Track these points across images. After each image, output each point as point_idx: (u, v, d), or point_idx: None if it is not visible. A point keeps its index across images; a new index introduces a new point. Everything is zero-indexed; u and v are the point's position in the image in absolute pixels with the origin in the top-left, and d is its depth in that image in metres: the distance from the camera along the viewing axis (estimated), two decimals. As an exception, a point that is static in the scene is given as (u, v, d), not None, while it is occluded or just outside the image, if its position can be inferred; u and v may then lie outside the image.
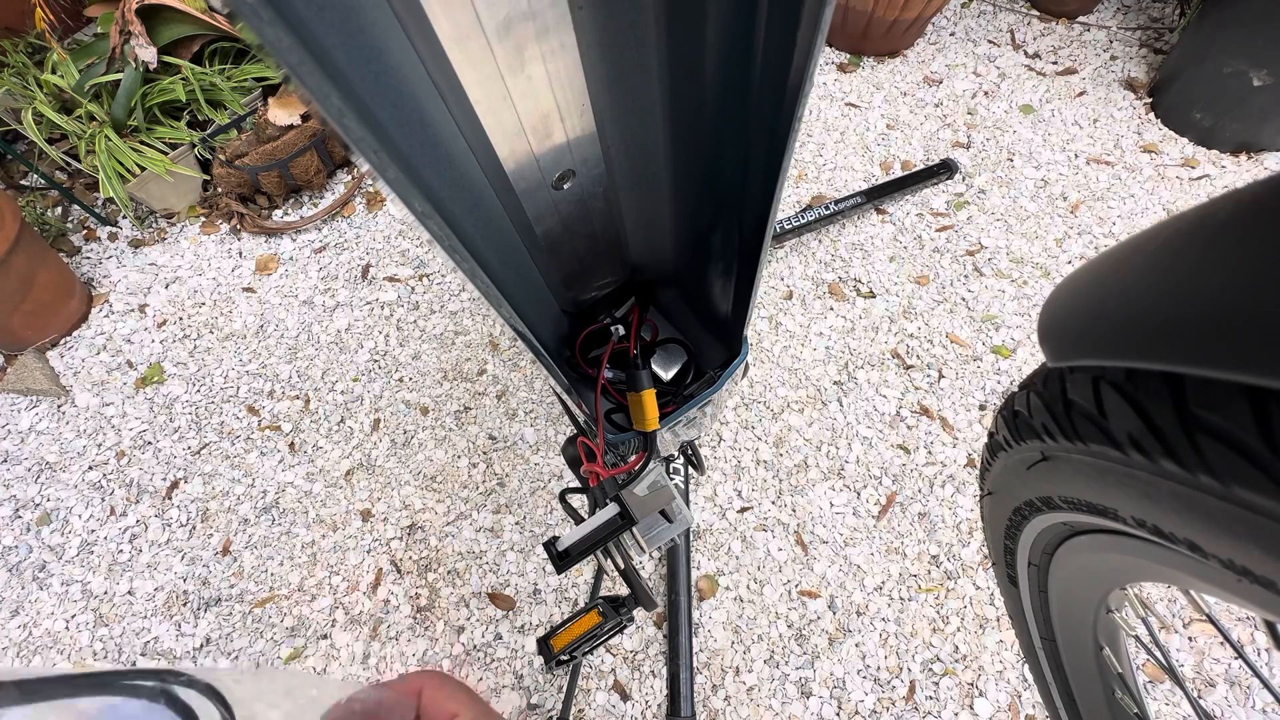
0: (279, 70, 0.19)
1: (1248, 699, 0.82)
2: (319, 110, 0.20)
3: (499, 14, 0.28)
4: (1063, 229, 1.29)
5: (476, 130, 0.34)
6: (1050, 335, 0.24)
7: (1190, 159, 1.37)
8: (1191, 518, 0.20)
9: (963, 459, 1.03)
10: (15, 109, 1.31)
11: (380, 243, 1.36)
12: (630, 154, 0.44)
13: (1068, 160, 1.39)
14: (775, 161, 0.33)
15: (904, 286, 1.22)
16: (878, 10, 1.45)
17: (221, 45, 1.37)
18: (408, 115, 0.29)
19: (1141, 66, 1.55)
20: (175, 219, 1.41)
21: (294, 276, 1.31)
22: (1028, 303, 1.19)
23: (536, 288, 0.55)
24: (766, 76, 0.31)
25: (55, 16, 1.40)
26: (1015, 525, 0.38)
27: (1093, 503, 0.27)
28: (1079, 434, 0.24)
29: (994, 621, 0.89)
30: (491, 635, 0.92)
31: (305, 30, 0.22)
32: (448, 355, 1.19)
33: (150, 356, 1.22)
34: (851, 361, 1.14)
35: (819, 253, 1.28)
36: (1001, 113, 1.49)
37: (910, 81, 1.57)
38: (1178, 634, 0.87)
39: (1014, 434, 0.31)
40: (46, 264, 1.18)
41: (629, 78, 0.36)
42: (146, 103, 1.27)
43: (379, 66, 0.26)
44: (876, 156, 1.43)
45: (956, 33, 1.67)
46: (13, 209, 1.11)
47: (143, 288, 1.32)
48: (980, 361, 1.12)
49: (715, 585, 0.94)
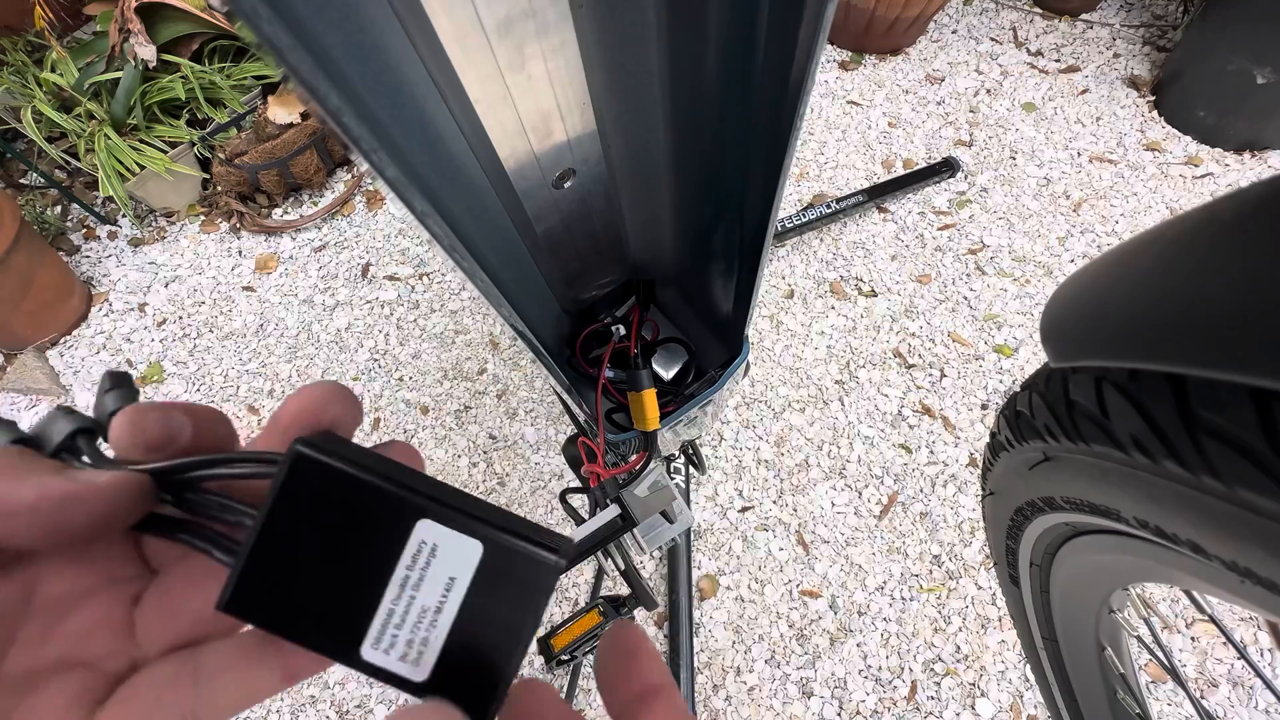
0: (278, 68, 0.18)
1: (1250, 699, 0.82)
2: (317, 109, 0.20)
3: (499, 12, 0.28)
4: (1065, 228, 1.28)
5: (476, 129, 0.34)
6: (1053, 335, 0.24)
7: (1194, 157, 1.36)
8: (1194, 519, 0.20)
9: (965, 459, 1.03)
10: (15, 107, 1.31)
11: (380, 241, 1.36)
12: (631, 153, 0.44)
13: (1070, 158, 1.39)
14: (777, 160, 0.33)
15: (906, 285, 1.22)
16: (879, 8, 1.44)
17: (221, 43, 1.37)
18: (407, 114, 0.29)
19: (1145, 64, 1.54)
20: (175, 218, 1.41)
21: (294, 275, 1.31)
22: (1030, 302, 1.18)
23: (537, 287, 0.54)
24: (768, 75, 0.31)
25: (54, 15, 1.40)
26: (1017, 525, 0.38)
27: (1095, 503, 0.27)
28: (1081, 434, 0.24)
29: (996, 621, 0.89)
30: (492, 634, 0.92)
31: (303, 28, 0.22)
32: (448, 354, 1.19)
33: (150, 355, 1.22)
34: (853, 360, 1.14)
35: (820, 251, 1.27)
36: (1004, 111, 1.48)
37: (912, 79, 1.56)
38: (1180, 634, 0.87)
39: (1016, 434, 0.30)
40: (46, 263, 1.18)
41: (630, 76, 0.36)
42: (146, 101, 1.27)
43: (378, 65, 0.26)
44: (878, 155, 1.43)
45: (959, 30, 1.66)
46: (12, 208, 1.11)
47: (142, 286, 1.32)
48: (982, 360, 1.12)
49: (716, 585, 0.94)
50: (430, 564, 0.16)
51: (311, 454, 0.15)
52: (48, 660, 0.15)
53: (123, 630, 0.16)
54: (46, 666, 0.15)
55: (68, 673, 0.15)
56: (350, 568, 0.16)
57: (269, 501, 0.15)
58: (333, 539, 0.16)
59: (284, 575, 0.15)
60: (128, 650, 0.16)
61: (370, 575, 0.16)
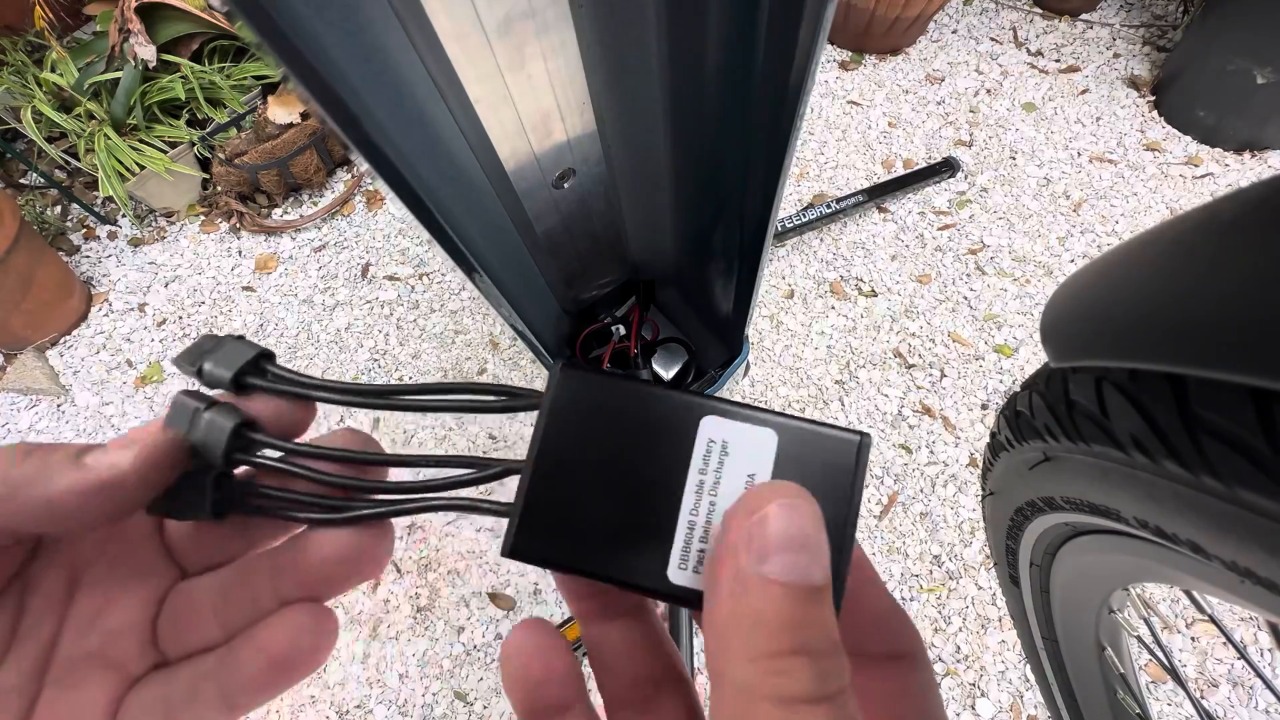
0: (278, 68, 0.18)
1: (1250, 699, 0.82)
2: (317, 109, 0.20)
3: (499, 11, 0.28)
4: (1065, 228, 1.28)
5: (476, 129, 0.34)
6: (1053, 335, 0.24)
7: (1194, 157, 1.36)
8: (1194, 519, 0.20)
9: (965, 459, 1.02)
10: (15, 107, 1.31)
11: (380, 241, 1.36)
12: (631, 152, 0.44)
13: (1070, 158, 1.39)
14: (777, 160, 0.33)
15: (906, 285, 1.22)
16: (879, 8, 1.44)
17: (221, 43, 1.37)
18: (407, 114, 0.29)
19: (1145, 64, 1.54)
20: (175, 218, 1.40)
21: (293, 275, 1.31)
22: (1030, 301, 1.18)
23: (536, 287, 0.54)
24: (768, 74, 0.31)
25: (54, 15, 1.40)
26: (1017, 525, 0.38)
27: (1095, 503, 0.27)
28: (1081, 434, 0.24)
29: (996, 622, 0.89)
30: (492, 635, 0.92)
31: (303, 28, 0.22)
32: (447, 354, 1.19)
33: (150, 355, 1.22)
34: (853, 360, 1.13)
35: (820, 251, 1.27)
36: (1004, 111, 1.48)
37: (912, 79, 1.56)
38: (1180, 634, 0.87)
39: (1016, 434, 0.30)
40: (46, 263, 1.18)
41: (630, 76, 0.36)
42: (146, 101, 1.27)
43: (378, 65, 0.26)
44: (878, 154, 1.42)
45: (959, 30, 1.66)
46: (12, 208, 1.11)
47: (142, 286, 1.32)
48: (982, 360, 1.12)
49: (716, 584, 0.94)
50: (724, 463, 0.14)
51: (577, 368, 0.14)
52: (86, 651, 0.15)
53: (148, 631, 0.16)
54: (83, 657, 0.15)
55: (103, 670, 0.15)
56: (637, 483, 0.14)
57: (540, 425, 0.14)
58: (612, 456, 0.14)
59: (568, 505, 0.14)
60: (150, 654, 0.16)
61: (661, 487, 0.14)
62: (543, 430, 0.14)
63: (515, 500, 0.15)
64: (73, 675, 0.15)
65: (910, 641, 0.15)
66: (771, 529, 0.12)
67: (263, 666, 0.15)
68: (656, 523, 0.14)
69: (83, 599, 0.15)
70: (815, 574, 0.12)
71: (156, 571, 0.17)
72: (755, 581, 0.12)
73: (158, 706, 0.15)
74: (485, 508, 0.15)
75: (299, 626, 0.16)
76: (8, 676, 0.14)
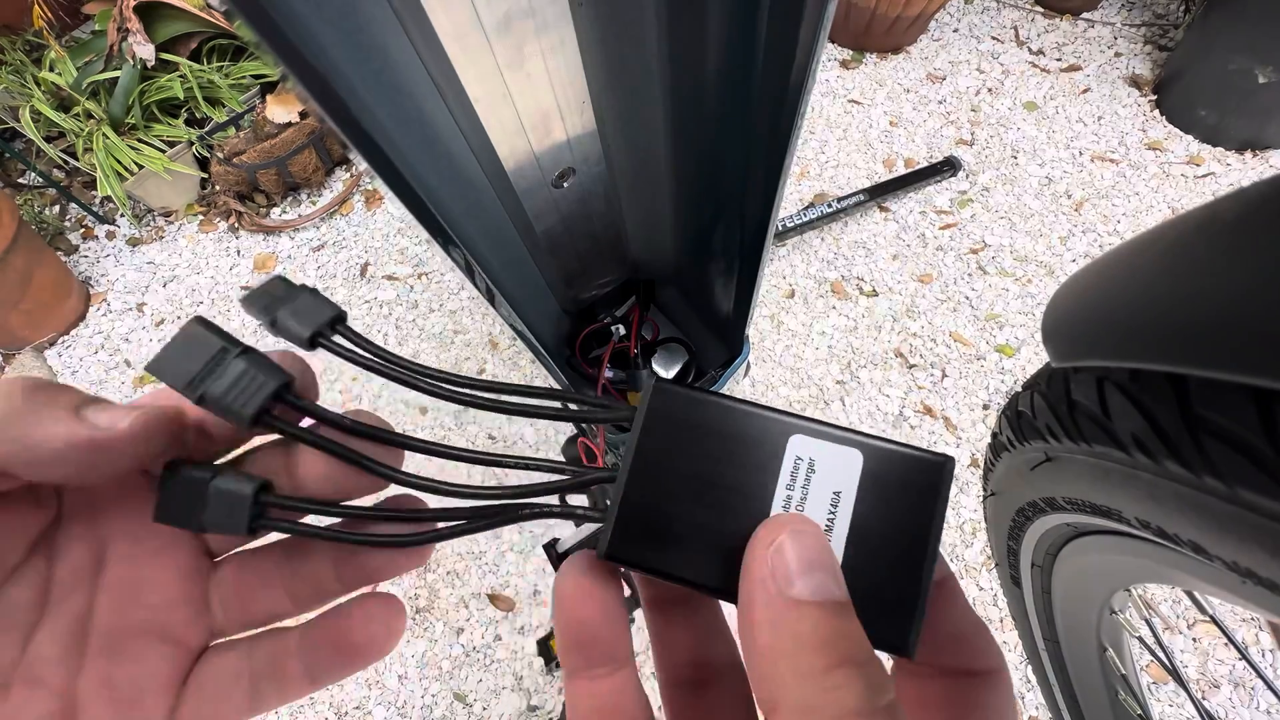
0: (277, 67, 0.18)
1: (1252, 700, 0.82)
2: (316, 107, 0.20)
3: (498, 10, 0.28)
4: (1067, 227, 1.28)
5: (476, 128, 0.34)
6: (1054, 335, 0.24)
7: (1195, 157, 1.36)
8: (1196, 519, 0.20)
9: (966, 459, 1.02)
10: (13, 107, 1.31)
11: (379, 241, 1.35)
12: (631, 151, 0.44)
13: (1072, 158, 1.39)
14: (777, 159, 0.33)
15: (907, 285, 1.22)
16: (880, 7, 1.44)
17: (219, 42, 1.37)
18: (407, 113, 0.29)
19: (1146, 63, 1.54)
20: (173, 217, 1.40)
21: (292, 275, 1.31)
22: (1032, 301, 1.18)
23: (536, 286, 0.54)
24: (768, 73, 0.31)
25: (53, 14, 1.40)
26: (1019, 526, 0.38)
27: (1096, 504, 0.27)
28: (1083, 435, 0.24)
29: (997, 622, 0.89)
30: (491, 636, 0.91)
31: (302, 27, 0.22)
32: (447, 354, 1.19)
33: (148, 355, 1.22)
34: (854, 360, 1.13)
35: (821, 251, 1.27)
36: (1005, 110, 1.48)
37: (913, 78, 1.56)
38: (1181, 635, 0.87)
39: (1018, 434, 0.30)
40: (44, 262, 1.18)
41: (630, 74, 0.36)
42: (144, 100, 1.27)
43: (377, 64, 0.26)
44: (879, 154, 1.42)
45: (960, 29, 1.66)
46: (11, 207, 1.11)
47: (140, 286, 1.31)
48: (984, 360, 1.12)
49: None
50: (811, 480, 0.15)
51: (670, 384, 0.15)
52: (133, 623, 0.15)
53: (200, 604, 0.16)
54: (133, 630, 0.15)
55: (160, 643, 0.16)
56: (727, 495, 0.15)
57: (634, 436, 0.15)
58: (703, 468, 0.15)
59: (660, 513, 0.15)
60: (204, 626, 0.16)
61: (751, 501, 0.15)
62: (637, 441, 0.15)
63: (610, 506, 0.15)
64: (126, 648, 0.15)
65: (990, 660, 0.16)
66: (789, 555, 0.13)
67: (344, 648, 0.16)
68: (745, 534, 0.14)
69: (112, 571, 0.16)
70: (835, 590, 0.13)
71: (182, 544, 0.17)
72: (788, 605, 0.13)
73: (240, 680, 0.16)
74: (580, 514, 0.16)
75: (375, 616, 0.16)
76: (44, 648, 0.14)
